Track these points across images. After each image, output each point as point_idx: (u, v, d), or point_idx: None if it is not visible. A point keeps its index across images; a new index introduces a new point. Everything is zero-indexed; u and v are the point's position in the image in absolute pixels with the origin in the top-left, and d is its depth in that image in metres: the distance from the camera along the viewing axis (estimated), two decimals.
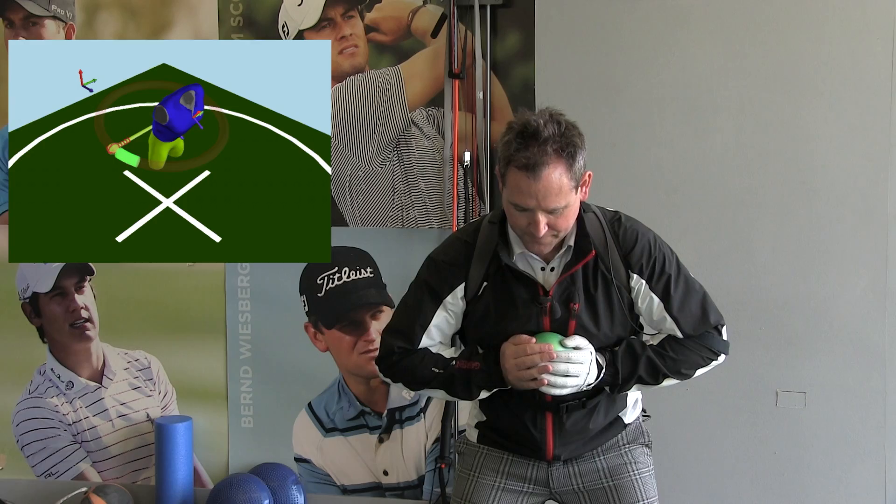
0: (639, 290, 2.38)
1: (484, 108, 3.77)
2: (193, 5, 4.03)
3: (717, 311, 2.45)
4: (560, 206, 2.23)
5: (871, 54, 3.44)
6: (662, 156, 3.63)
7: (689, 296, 2.40)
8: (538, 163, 2.19)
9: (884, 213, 3.47)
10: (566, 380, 2.29)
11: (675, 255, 2.44)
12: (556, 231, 2.28)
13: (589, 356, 2.31)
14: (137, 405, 4.21)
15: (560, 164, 2.21)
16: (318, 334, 4.03)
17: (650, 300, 2.39)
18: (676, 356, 2.40)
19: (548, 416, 2.42)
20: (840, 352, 3.53)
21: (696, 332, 2.41)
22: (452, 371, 2.38)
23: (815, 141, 3.51)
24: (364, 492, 4.06)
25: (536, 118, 2.23)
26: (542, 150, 2.19)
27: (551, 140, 2.20)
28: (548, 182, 2.20)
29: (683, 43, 3.59)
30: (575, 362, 2.29)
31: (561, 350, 2.29)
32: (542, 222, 2.24)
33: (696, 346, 2.41)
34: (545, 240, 2.29)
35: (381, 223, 3.95)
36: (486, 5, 3.74)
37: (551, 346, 2.28)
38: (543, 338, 2.31)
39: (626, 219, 2.43)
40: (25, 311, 4.26)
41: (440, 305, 2.40)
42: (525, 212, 2.25)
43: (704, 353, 2.42)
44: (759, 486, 3.63)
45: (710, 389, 3.63)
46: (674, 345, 2.41)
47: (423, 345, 2.42)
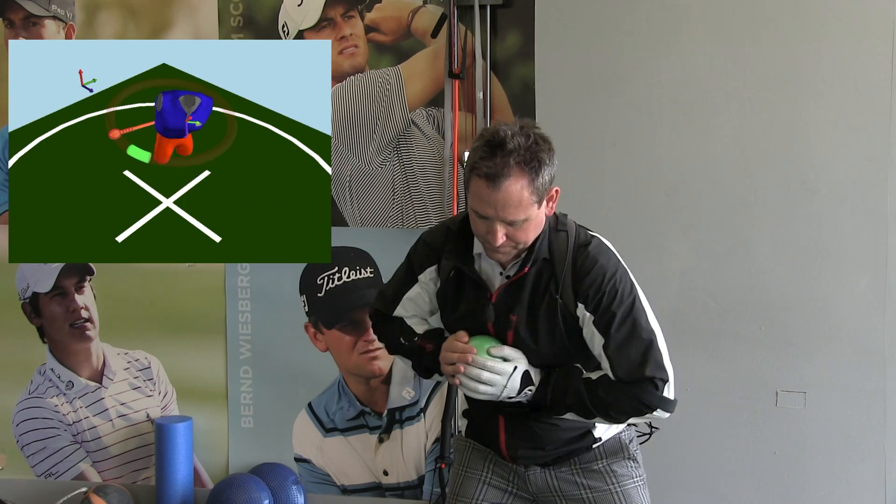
0: (584, 320, 2.34)
1: (484, 108, 3.77)
2: (193, 5, 4.03)
3: (660, 366, 2.30)
4: (519, 219, 2.25)
5: (871, 54, 3.44)
6: (662, 156, 3.63)
7: (631, 340, 2.30)
8: (499, 174, 2.21)
9: (884, 213, 3.47)
10: (478, 385, 2.32)
11: (635, 296, 2.34)
12: (515, 242, 2.29)
13: (510, 370, 2.32)
14: (137, 405, 4.21)
15: (523, 177, 2.22)
16: (318, 334, 4.03)
17: (592, 334, 2.34)
18: (606, 397, 2.32)
19: (500, 418, 2.46)
20: (840, 352, 3.53)
21: (629, 379, 2.30)
22: (414, 346, 2.49)
23: (815, 141, 3.51)
24: (364, 492, 4.06)
25: (506, 129, 2.24)
26: (504, 162, 2.21)
27: (516, 153, 2.21)
28: (507, 194, 2.21)
29: (683, 43, 3.59)
30: (491, 371, 2.31)
31: (483, 357, 2.32)
32: (499, 232, 2.26)
33: (627, 394, 2.31)
34: (503, 249, 2.30)
35: (381, 223, 3.95)
36: (486, 5, 3.74)
37: (474, 349, 2.32)
38: (476, 339, 2.36)
39: (596, 247, 2.37)
40: (25, 311, 4.26)
41: (416, 281, 2.51)
42: (485, 220, 2.27)
43: (635, 404, 2.31)
44: (759, 486, 3.63)
45: (710, 389, 3.63)
46: (607, 385, 2.32)
47: (397, 313, 2.54)
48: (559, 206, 2.41)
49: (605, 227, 3.66)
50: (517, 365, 2.33)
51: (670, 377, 2.32)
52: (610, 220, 3.64)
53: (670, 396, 2.32)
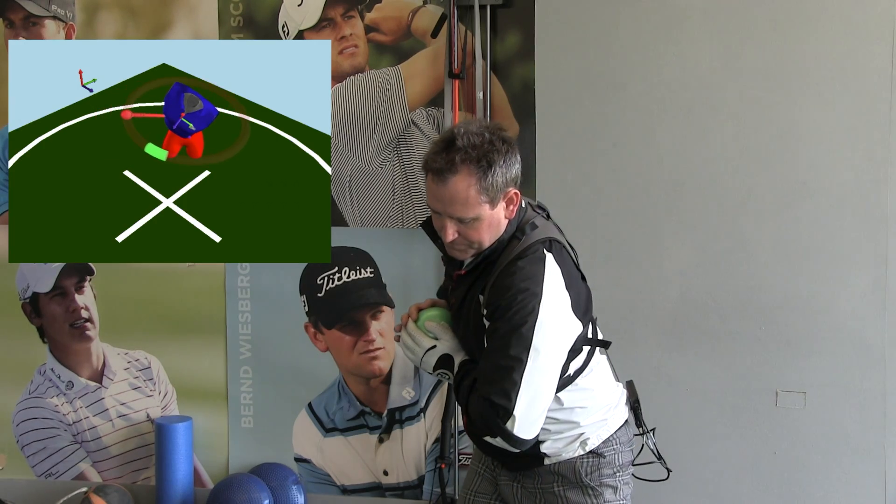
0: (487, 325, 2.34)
1: (484, 108, 3.77)
2: (193, 5, 4.03)
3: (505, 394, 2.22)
4: (467, 217, 2.28)
5: (871, 54, 3.44)
6: (662, 156, 3.63)
7: (494, 355, 2.26)
8: (444, 169, 2.25)
9: (884, 213, 3.47)
10: (405, 349, 2.48)
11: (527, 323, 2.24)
12: (469, 241, 2.33)
13: (427, 346, 2.42)
14: (137, 405, 4.21)
15: (470, 175, 2.25)
16: (318, 334, 4.03)
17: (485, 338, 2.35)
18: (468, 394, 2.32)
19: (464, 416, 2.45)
20: (840, 352, 3.53)
21: (478, 388, 2.28)
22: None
23: (815, 141, 3.51)
24: (364, 492, 4.06)
25: (461, 128, 2.29)
26: (451, 158, 2.25)
27: (464, 150, 2.25)
28: (454, 190, 2.26)
29: (683, 43, 3.59)
30: (413, 341, 2.44)
31: (415, 327, 2.47)
32: (450, 229, 2.31)
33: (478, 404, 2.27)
34: (457, 246, 2.35)
35: (381, 223, 3.95)
36: (486, 5, 3.74)
37: (413, 316, 2.49)
38: (430, 310, 2.50)
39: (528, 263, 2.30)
40: (25, 311, 4.26)
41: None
42: (438, 216, 2.34)
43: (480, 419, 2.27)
44: (759, 486, 3.63)
45: (710, 389, 3.63)
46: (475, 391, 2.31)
47: None
48: (558, 206, 2.41)
49: (606, 227, 3.68)
50: (437, 345, 2.42)
51: (515, 415, 2.22)
52: (610, 220, 3.64)
53: (514, 432, 2.23)
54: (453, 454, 3.88)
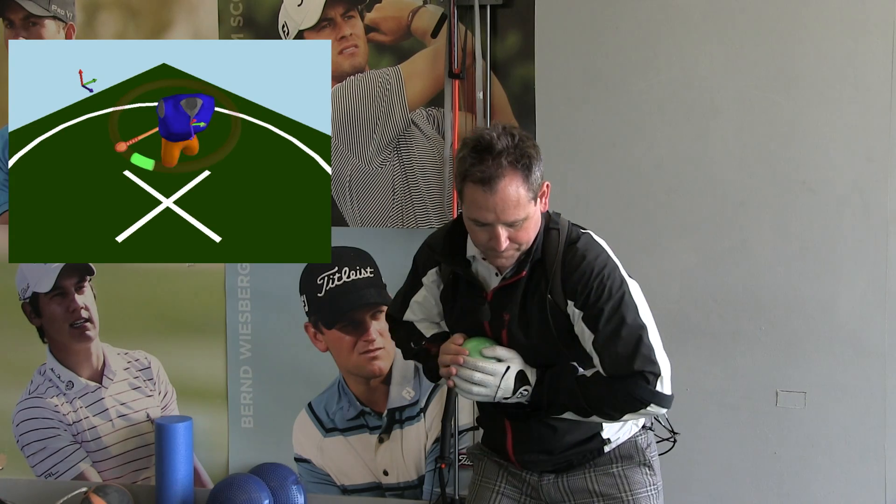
0: (574, 317, 2.32)
1: (484, 108, 3.77)
2: (193, 5, 4.03)
3: (650, 360, 2.26)
4: (519, 219, 2.23)
5: (871, 54, 3.44)
6: (662, 156, 3.63)
7: (619, 335, 2.26)
8: (493, 176, 2.18)
9: (884, 213, 3.47)
10: (472, 386, 2.31)
11: (624, 291, 2.30)
12: (517, 244, 2.27)
13: (503, 370, 2.31)
14: (137, 405, 4.21)
15: (516, 176, 2.20)
16: (318, 334, 4.03)
17: (582, 330, 2.31)
18: (598, 393, 2.29)
19: (506, 422, 2.43)
20: (840, 352, 3.53)
21: (617, 374, 2.27)
22: (421, 349, 2.50)
23: (815, 141, 3.51)
24: (364, 492, 4.06)
25: (489, 132, 2.23)
26: (496, 163, 2.19)
27: (505, 153, 2.20)
28: (505, 195, 2.19)
29: (683, 43, 3.59)
30: (483, 372, 2.30)
31: (476, 358, 2.31)
32: (502, 236, 2.23)
33: (619, 388, 2.27)
34: (507, 253, 2.27)
35: (381, 223, 3.95)
36: (486, 5, 3.74)
37: (466, 350, 2.32)
38: (470, 341, 2.35)
39: (585, 244, 2.34)
40: (25, 311, 4.26)
41: (420, 284, 2.51)
42: (485, 227, 2.23)
43: (627, 399, 2.26)
44: (759, 486, 3.63)
45: (710, 389, 3.63)
46: (600, 381, 2.30)
47: (406, 317, 2.56)
48: (558, 206, 2.41)
49: (606, 227, 3.66)
50: (510, 365, 2.32)
51: (663, 372, 2.27)
52: (610, 220, 3.64)
53: (664, 391, 2.27)
54: (453, 454, 3.88)
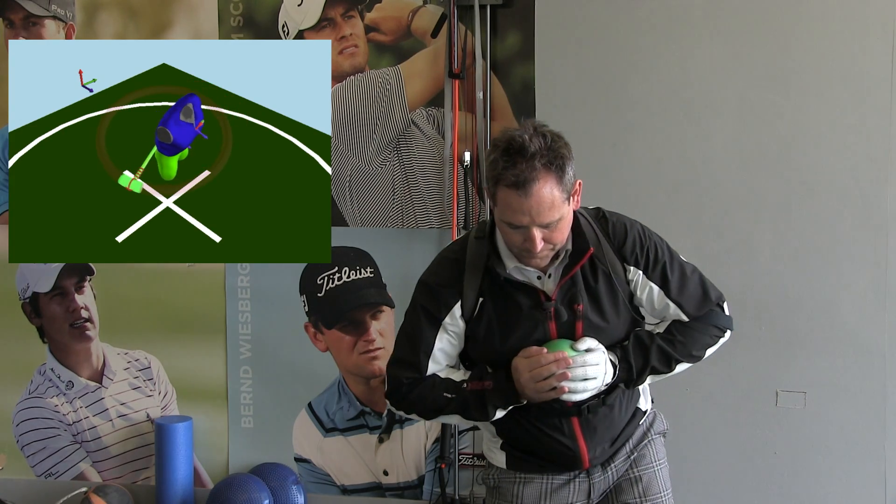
0: (636, 281, 2.36)
1: (484, 108, 3.77)
2: (193, 5, 4.03)
3: (715, 289, 2.44)
4: (554, 220, 2.20)
5: (871, 54, 3.44)
6: (662, 156, 3.63)
7: (686, 278, 2.40)
8: (528, 179, 2.15)
9: (884, 213, 3.47)
10: (585, 384, 2.26)
11: (664, 240, 2.44)
12: (552, 245, 2.25)
13: (602, 356, 2.29)
14: (137, 405, 4.21)
15: (550, 177, 2.18)
16: (318, 334, 4.03)
17: (649, 289, 2.37)
18: (685, 339, 2.39)
19: (574, 422, 2.37)
20: (840, 352, 3.53)
21: (701, 312, 2.40)
22: (465, 394, 2.32)
23: (815, 141, 3.51)
24: (364, 492, 4.06)
25: (521, 133, 2.19)
26: (530, 166, 2.16)
27: (538, 155, 2.17)
28: (539, 197, 2.17)
29: (683, 43, 3.59)
30: (591, 364, 2.26)
31: (575, 355, 2.26)
32: (537, 238, 2.20)
33: (703, 325, 2.41)
34: (542, 254, 2.25)
35: (381, 223, 3.95)
36: (486, 5, 3.74)
37: (565, 352, 2.25)
38: (554, 345, 2.28)
39: (610, 214, 2.42)
40: (25, 311, 4.26)
41: (440, 328, 2.34)
42: (519, 229, 2.21)
43: (712, 332, 2.42)
44: (759, 486, 3.63)
45: (710, 389, 3.63)
46: (681, 328, 2.39)
47: (430, 371, 2.36)
48: None
49: None
50: (601, 349, 2.30)
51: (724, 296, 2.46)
52: None
53: (730, 314, 2.46)
54: (453, 454, 3.88)
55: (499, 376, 2.31)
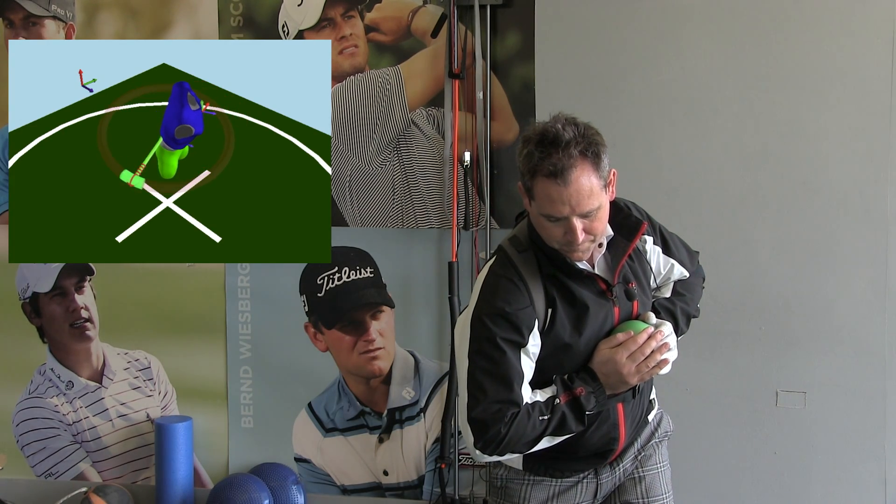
0: (652, 253, 2.50)
1: (484, 108, 3.77)
2: (193, 5, 4.03)
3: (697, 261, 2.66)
4: (594, 209, 2.18)
5: (871, 54, 3.44)
6: (662, 156, 3.63)
7: (677, 242, 2.57)
8: (565, 167, 2.13)
9: (884, 213, 3.47)
10: (674, 352, 2.33)
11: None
12: (593, 235, 2.23)
13: (669, 325, 2.37)
14: (137, 405, 4.21)
15: (587, 164, 2.16)
16: (318, 334, 4.03)
17: (664, 261, 2.52)
18: (692, 294, 2.56)
19: (619, 408, 2.37)
20: (840, 352, 3.53)
21: (695, 266, 2.61)
22: (561, 409, 2.27)
23: (816, 141, 3.51)
24: (364, 492, 4.06)
25: (552, 125, 2.18)
26: (567, 154, 2.14)
27: (574, 142, 2.15)
28: (578, 185, 2.15)
29: (683, 43, 3.59)
30: (669, 333, 2.33)
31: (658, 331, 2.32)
32: (578, 228, 2.18)
33: (697, 279, 2.61)
34: (583, 246, 2.22)
35: (381, 223, 3.95)
36: (486, 5, 3.74)
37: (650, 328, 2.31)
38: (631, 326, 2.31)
39: (625, 203, 2.48)
40: (25, 311, 4.26)
41: (523, 353, 2.27)
42: (559, 221, 2.19)
43: (700, 283, 2.63)
44: (759, 486, 3.63)
45: (710, 389, 3.63)
46: (684, 285, 2.56)
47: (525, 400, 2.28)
48: None
49: None
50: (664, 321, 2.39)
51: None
52: None
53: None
54: (453, 454, 3.88)
55: (584, 379, 2.29)
